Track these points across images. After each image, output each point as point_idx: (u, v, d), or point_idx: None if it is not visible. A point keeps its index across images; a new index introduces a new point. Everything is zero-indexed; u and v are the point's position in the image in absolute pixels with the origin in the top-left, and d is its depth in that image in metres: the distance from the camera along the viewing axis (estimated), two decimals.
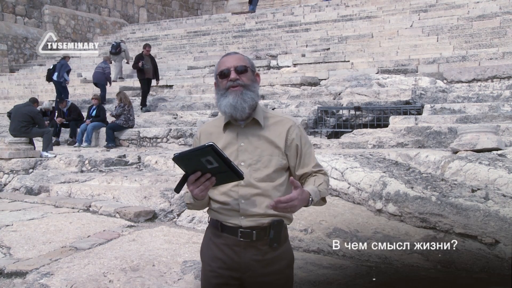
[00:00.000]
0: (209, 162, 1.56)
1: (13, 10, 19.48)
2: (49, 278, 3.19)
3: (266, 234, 1.78)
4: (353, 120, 8.29)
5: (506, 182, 3.75)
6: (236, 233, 1.78)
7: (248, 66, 1.83)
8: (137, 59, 11.13)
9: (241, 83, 1.79)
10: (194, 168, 1.60)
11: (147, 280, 3.12)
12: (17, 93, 14.87)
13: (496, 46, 10.89)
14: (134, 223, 4.65)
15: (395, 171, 4.42)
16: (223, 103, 1.79)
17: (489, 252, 3.28)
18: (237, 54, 1.87)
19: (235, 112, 1.77)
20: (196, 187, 1.64)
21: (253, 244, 1.78)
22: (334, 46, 13.56)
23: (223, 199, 1.80)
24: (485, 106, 7.16)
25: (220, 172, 1.59)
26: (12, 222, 4.60)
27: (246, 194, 1.77)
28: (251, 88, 1.81)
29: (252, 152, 1.79)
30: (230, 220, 1.80)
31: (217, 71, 1.84)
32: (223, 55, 1.90)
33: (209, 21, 21.20)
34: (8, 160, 7.03)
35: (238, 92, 1.77)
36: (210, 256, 1.85)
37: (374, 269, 3.19)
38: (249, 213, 1.77)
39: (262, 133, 1.81)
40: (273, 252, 1.80)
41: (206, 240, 1.90)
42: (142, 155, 7.27)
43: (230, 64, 1.81)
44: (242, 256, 1.79)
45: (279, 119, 1.86)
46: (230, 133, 1.83)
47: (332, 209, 4.11)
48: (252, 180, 1.77)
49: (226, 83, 1.80)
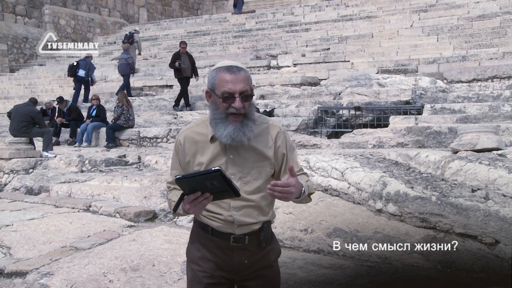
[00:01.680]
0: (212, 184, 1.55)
1: (13, 10, 19.49)
2: (49, 278, 3.19)
3: (256, 236, 1.80)
4: (353, 120, 8.28)
5: (506, 182, 3.74)
6: (228, 238, 1.78)
7: (252, 91, 1.74)
8: (174, 58, 10.73)
9: (243, 112, 1.71)
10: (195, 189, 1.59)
11: (147, 280, 3.12)
12: (17, 93, 14.87)
13: (496, 46, 10.90)
14: (134, 223, 4.65)
15: (395, 171, 4.42)
16: (223, 133, 1.71)
17: (489, 252, 3.28)
18: (241, 72, 1.71)
19: (232, 143, 1.72)
20: (193, 206, 1.60)
21: (244, 247, 1.80)
22: (334, 46, 13.56)
23: (214, 209, 1.78)
24: (485, 106, 7.16)
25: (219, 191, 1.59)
26: (12, 222, 4.60)
27: (238, 206, 1.77)
28: (251, 116, 1.74)
29: (241, 164, 1.76)
30: (222, 228, 1.79)
31: (216, 88, 1.72)
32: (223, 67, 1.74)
33: (209, 21, 21.20)
34: (8, 160, 7.03)
35: (238, 124, 1.70)
36: (200, 257, 1.84)
37: (375, 269, 3.19)
38: (243, 223, 1.78)
39: (250, 144, 1.76)
40: (262, 251, 1.83)
41: (194, 241, 1.88)
42: (142, 155, 7.27)
43: (235, 88, 1.68)
44: (234, 258, 1.80)
45: (266, 126, 1.81)
46: (217, 145, 1.76)
47: (332, 209, 4.11)
48: (243, 194, 1.72)
49: (227, 107, 1.70)
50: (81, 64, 12.32)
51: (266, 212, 1.83)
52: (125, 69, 12.28)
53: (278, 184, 1.61)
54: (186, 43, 11.26)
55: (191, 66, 10.81)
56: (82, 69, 12.26)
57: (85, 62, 12.44)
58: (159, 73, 14.55)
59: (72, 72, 12.36)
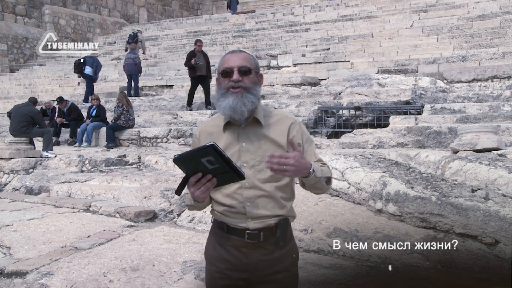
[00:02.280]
0: (210, 162, 1.53)
1: (13, 10, 19.49)
2: (49, 278, 3.19)
3: (272, 234, 1.77)
4: (353, 120, 8.28)
5: (506, 182, 3.74)
6: (243, 235, 1.76)
7: (252, 68, 1.78)
8: (189, 56, 10.49)
9: (242, 85, 1.74)
10: (195, 170, 1.57)
11: (147, 280, 3.12)
12: (17, 93, 14.88)
13: (496, 46, 10.90)
14: (134, 223, 4.65)
15: (395, 171, 4.42)
16: (223, 104, 1.75)
17: (489, 252, 3.28)
18: (243, 53, 1.81)
19: (233, 114, 1.73)
20: (197, 189, 1.60)
21: (260, 244, 1.77)
22: (334, 46, 13.57)
23: (228, 202, 1.77)
24: (485, 106, 7.16)
25: (221, 172, 1.56)
26: (12, 222, 4.60)
27: (251, 196, 1.75)
28: (252, 91, 1.77)
29: (254, 152, 1.76)
30: (236, 222, 1.77)
31: (219, 69, 1.80)
32: (228, 52, 1.85)
33: (209, 21, 21.21)
34: (8, 160, 7.03)
35: (239, 95, 1.73)
36: (216, 257, 1.83)
37: (375, 269, 3.19)
38: (256, 215, 1.75)
39: (263, 132, 1.78)
40: (279, 251, 1.79)
41: (211, 241, 1.88)
42: (142, 155, 7.27)
43: (234, 64, 1.76)
44: (249, 257, 1.77)
45: (280, 117, 1.82)
46: (230, 133, 1.79)
47: (332, 209, 4.11)
48: (256, 182, 1.74)
49: (227, 83, 1.76)
50: (88, 60, 12.27)
51: (282, 205, 1.79)
52: (133, 69, 12.20)
53: (275, 155, 1.58)
54: (201, 41, 10.94)
55: (205, 64, 10.49)
56: (89, 66, 12.20)
57: (92, 59, 12.42)
58: (159, 73, 14.56)
59: (78, 69, 12.32)
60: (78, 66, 12.31)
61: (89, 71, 12.20)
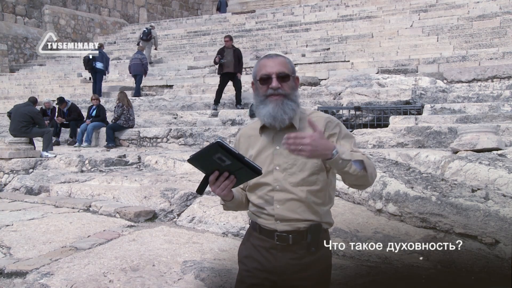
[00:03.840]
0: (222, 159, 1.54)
1: (13, 10, 19.49)
2: (49, 278, 3.19)
3: (303, 238, 1.74)
4: (353, 120, 8.29)
5: (506, 182, 3.74)
6: (272, 236, 1.75)
7: (290, 74, 1.75)
8: (218, 53, 10.15)
9: (282, 92, 1.72)
10: (211, 168, 1.58)
11: (147, 280, 3.12)
12: (17, 93, 14.88)
13: (496, 46, 10.91)
14: (134, 223, 4.65)
15: (395, 171, 4.42)
16: (263, 112, 1.73)
17: (489, 252, 3.28)
18: (279, 58, 1.77)
19: (274, 122, 1.72)
20: (217, 187, 1.61)
21: (289, 247, 1.75)
22: (334, 46, 13.57)
23: (259, 203, 1.78)
24: (485, 106, 7.16)
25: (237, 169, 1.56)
26: (12, 222, 4.60)
27: (281, 199, 1.74)
28: (292, 97, 1.75)
29: (287, 156, 1.72)
30: (266, 223, 1.77)
31: (257, 74, 1.77)
32: (263, 56, 1.82)
33: (209, 21, 21.21)
34: (8, 160, 7.03)
35: (279, 102, 1.71)
36: (246, 256, 1.84)
37: (375, 269, 3.19)
38: (284, 218, 1.74)
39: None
40: (310, 257, 1.75)
41: (245, 241, 1.89)
42: (142, 155, 7.27)
43: (272, 70, 1.73)
44: (278, 259, 1.76)
45: (315, 119, 1.73)
46: (266, 137, 1.79)
47: (332, 209, 4.11)
48: (287, 185, 1.73)
49: (266, 90, 1.73)
50: (97, 56, 12.66)
51: (315, 211, 1.75)
52: (139, 69, 12.38)
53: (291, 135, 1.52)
54: (230, 37, 10.57)
55: (234, 61, 9.97)
56: (99, 61, 12.63)
57: (100, 54, 12.82)
58: (159, 73, 14.56)
59: (89, 66, 12.66)
60: (88, 62, 12.64)
61: (100, 66, 12.65)
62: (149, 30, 15.37)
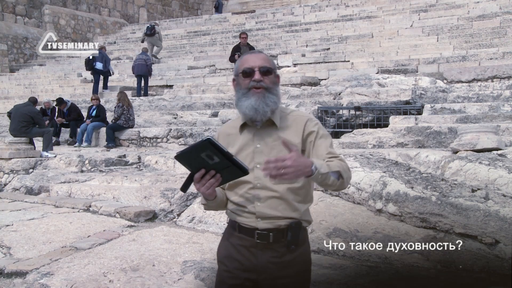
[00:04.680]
0: (210, 157, 1.53)
1: (13, 10, 19.49)
2: (49, 278, 3.19)
3: (283, 236, 1.75)
4: (353, 120, 8.28)
5: (506, 182, 3.74)
6: (253, 234, 1.76)
7: (272, 68, 1.80)
8: (233, 51, 10.05)
9: (264, 85, 1.75)
10: (197, 166, 1.57)
11: (147, 280, 3.12)
12: (17, 93, 14.88)
13: (496, 46, 10.91)
14: (134, 223, 4.65)
15: (395, 171, 4.42)
16: (244, 104, 1.75)
17: (489, 252, 3.28)
18: (262, 54, 1.83)
19: (255, 115, 1.73)
20: (202, 185, 1.61)
21: (270, 246, 1.75)
22: (334, 46, 13.57)
23: (239, 201, 1.78)
24: (485, 106, 7.16)
25: (224, 168, 1.56)
26: (12, 222, 4.60)
27: (262, 197, 1.74)
28: (273, 91, 1.78)
29: (268, 153, 1.74)
30: (246, 221, 1.77)
31: (239, 69, 1.80)
32: (246, 54, 1.86)
33: (209, 21, 21.21)
34: (8, 160, 7.03)
35: (261, 95, 1.74)
36: (226, 256, 1.83)
37: (375, 269, 3.19)
38: (265, 215, 1.74)
39: (278, 133, 1.77)
40: (290, 255, 1.77)
41: (224, 240, 1.88)
42: (142, 155, 7.27)
43: (255, 64, 1.77)
44: (259, 257, 1.76)
45: (295, 117, 1.82)
46: (246, 135, 1.80)
47: (332, 209, 4.11)
48: (268, 183, 1.72)
49: (248, 83, 1.76)
50: (97, 57, 13.03)
51: (295, 208, 1.76)
52: (144, 69, 12.57)
53: (271, 160, 1.50)
54: (246, 34, 10.45)
55: None
56: (99, 62, 12.98)
57: (101, 54, 13.17)
58: (159, 73, 14.55)
59: (89, 66, 13.01)
60: (89, 63, 12.99)
61: (99, 66, 12.98)
62: (152, 26, 15.71)
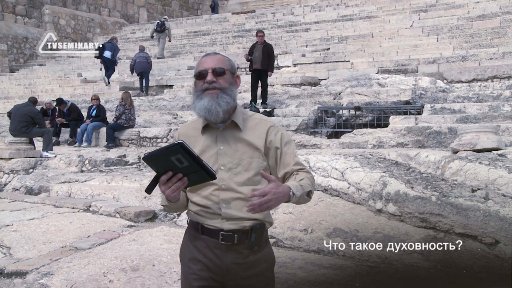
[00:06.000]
0: (180, 161, 1.52)
1: (13, 10, 19.48)
2: (49, 278, 3.19)
3: (247, 237, 1.76)
4: (353, 120, 8.29)
5: (506, 182, 3.74)
6: (217, 236, 1.75)
7: (226, 69, 1.78)
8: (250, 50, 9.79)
9: (217, 86, 1.75)
10: (165, 168, 1.56)
11: (147, 280, 3.12)
12: (17, 93, 14.87)
13: (496, 46, 10.90)
14: (134, 223, 4.65)
15: (395, 171, 4.42)
16: (198, 106, 1.75)
17: (489, 252, 3.28)
18: (217, 55, 1.82)
19: (209, 115, 1.73)
20: (167, 188, 1.60)
21: (234, 247, 1.75)
22: (334, 46, 13.56)
23: (204, 203, 1.77)
24: (485, 106, 7.16)
25: (192, 172, 1.55)
26: (12, 222, 4.60)
27: (227, 198, 1.74)
28: (228, 91, 1.76)
29: (231, 155, 1.76)
30: (211, 222, 1.76)
31: (195, 71, 1.81)
32: (203, 55, 1.86)
33: (209, 21, 21.21)
34: (8, 160, 7.03)
35: (214, 96, 1.73)
36: (190, 258, 1.82)
37: (375, 269, 3.19)
38: (231, 217, 1.74)
39: (241, 136, 1.77)
40: (254, 255, 1.78)
41: (186, 242, 1.87)
42: (142, 155, 7.27)
43: (208, 66, 1.76)
44: (223, 259, 1.76)
45: (258, 121, 1.82)
46: (208, 136, 1.79)
47: (332, 209, 4.11)
48: (232, 185, 1.73)
49: (202, 85, 1.76)
50: (107, 46, 13.55)
51: None
52: (145, 66, 12.81)
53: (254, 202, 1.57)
54: (262, 32, 10.16)
55: (262, 57, 9.48)
56: (108, 50, 13.44)
57: (110, 44, 13.69)
58: (159, 73, 14.55)
59: (99, 53, 13.51)
60: (99, 51, 13.52)
61: (107, 54, 13.42)
62: (162, 22, 15.83)
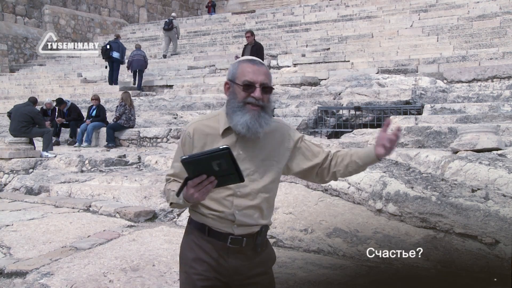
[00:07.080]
0: (219, 165, 1.48)
1: (13, 10, 19.48)
2: (49, 278, 3.19)
3: (253, 240, 1.77)
4: (353, 120, 8.29)
5: (506, 182, 3.74)
6: (225, 239, 1.74)
7: (272, 87, 1.74)
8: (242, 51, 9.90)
9: (261, 104, 1.69)
10: (202, 172, 1.51)
11: (147, 280, 3.12)
12: (17, 93, 14.87)
13: (496, 46, 10.90)
14: (134, 223, 4.65)
15: (395, 171, 4.42)
16: (240, 121, 1.67)
17: (489, 252, 3.28)
18: (263, 67, 1.73)
19: (247, 133, 1.68)
20: (197, 190, 1.52)
21: (241, 249, 1.75)
22: (334, 46, 13.56)
23: (216, 207, 1.74)
24: (485, 106, 7.16)
25: (224, 175, 1.51)
26: (12, 222, 4.60)
27: (240, 205, 1.72)
28: (268, 110, 1.72)
29: (250, 161, 1.73)
30: (220, 226, 1.74)
31: (238, 78, 1.70)
32: (246, 59, 1.76)
33: (209, 21, 21.21)
34: (8, 160, 7.03)
35: (256, 114, 1.67)
36: (193, 258, 1.79)
37: (375, 269, 3.19)
38: (244, 223, 1.74)
39: (260, 142, 1.74)
40: (258, 255, 1.79)
41: (189, 242, 1.84)
42: (142, 155, 7.27)
43: (257, 79, 1.68)
44: (229, 261, 1.75)
45: (276, 127, 1.80)
46: (228, 140, 1.73)
47: (332, 209, 4.11)
48: (248, 192, 1.72)
49: (246, 97, 1.68)
50: (114, 46, 13.36)
51: (266, 216, 1.80)
52: (143, 64, 12.97)
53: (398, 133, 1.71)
54: (249, 32, 10.34)
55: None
56: (116, 51, 13.31)
57: (117, 44, 13.51)
58: (159, 73, 14.55)
59: (106, 55, 13.33)
60: (106, 52, 13.29)
61: (116, 55, 13.32)
62: (170, 20, 15.92)
